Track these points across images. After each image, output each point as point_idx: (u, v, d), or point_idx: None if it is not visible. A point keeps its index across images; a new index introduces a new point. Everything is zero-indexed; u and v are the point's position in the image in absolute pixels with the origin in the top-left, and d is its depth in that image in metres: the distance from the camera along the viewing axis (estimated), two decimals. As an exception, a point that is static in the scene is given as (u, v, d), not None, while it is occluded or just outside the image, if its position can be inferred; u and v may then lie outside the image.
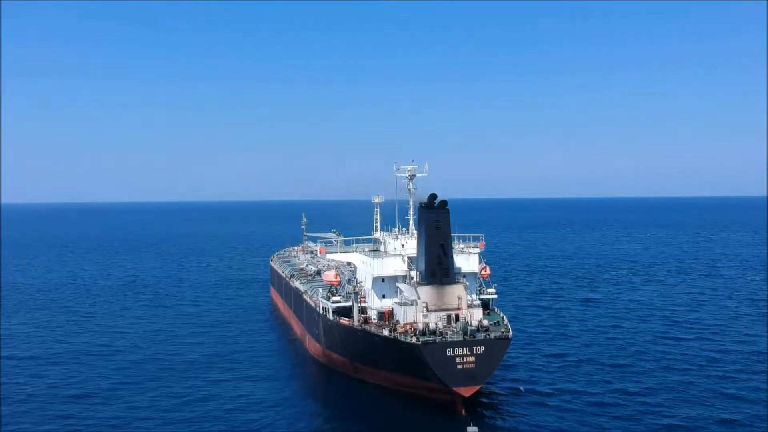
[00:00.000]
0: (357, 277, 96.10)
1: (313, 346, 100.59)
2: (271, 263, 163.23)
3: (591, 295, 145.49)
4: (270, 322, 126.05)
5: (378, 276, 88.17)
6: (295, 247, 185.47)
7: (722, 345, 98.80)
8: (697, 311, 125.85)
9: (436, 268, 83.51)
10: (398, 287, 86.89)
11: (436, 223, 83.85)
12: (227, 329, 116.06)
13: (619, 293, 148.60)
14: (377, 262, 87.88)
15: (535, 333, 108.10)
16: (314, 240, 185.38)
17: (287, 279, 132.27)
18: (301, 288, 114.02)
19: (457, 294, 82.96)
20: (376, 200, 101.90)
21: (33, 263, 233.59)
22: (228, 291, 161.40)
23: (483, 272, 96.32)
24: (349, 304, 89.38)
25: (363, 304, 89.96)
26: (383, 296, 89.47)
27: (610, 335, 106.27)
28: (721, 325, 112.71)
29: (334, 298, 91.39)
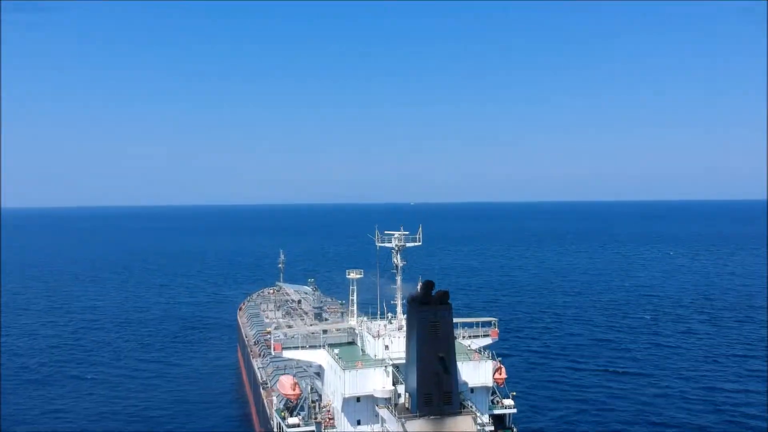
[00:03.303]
0: (324, 386, 70.67)
1: (269, 468, 75.46)
2: (239, 316, 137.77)
3: (618, 363, 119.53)
4: (228, 412, 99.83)
5: (351, 396, 62.65)
6: (270, 290, 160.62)
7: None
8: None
9: (434, 392, 58.20)
10: (379, 414, 61.66)
11: (433, 326, 58.63)
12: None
13: (653, 357, 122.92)
14: (350, 376, 62.27)
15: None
16: (293, 285, 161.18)
17: (249, 348, 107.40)
18: (260, 375, 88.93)
19: (464, 429, 57.72)
20: (353, 276, 76.33)
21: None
22: (186, 347, 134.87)
23: (497, 375, 70.85)
24: (311, 428, 64.31)
25: (331, 430, 64.73)
26: (358, 422, 64.07)
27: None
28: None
29: (292, 420, 65.92)
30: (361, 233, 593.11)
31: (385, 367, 63.44)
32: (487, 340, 75.08)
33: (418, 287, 67.37)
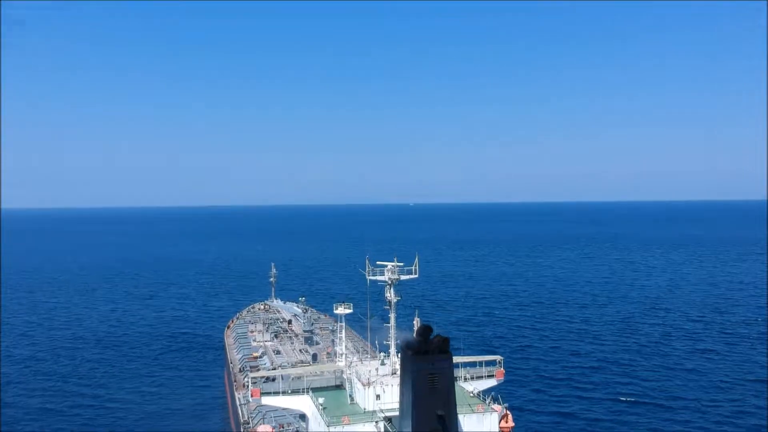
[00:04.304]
0: (309, 436, 62.99)
1: None
2: (226, 335, 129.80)
3: (630, 389, 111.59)
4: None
5: (337, 456, 54.91)
6: (260, 305, 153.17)
7: None
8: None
9: (432, 455, 50.51)
10: (370, 478, 54.01)
11: (432, 380, 50.88)
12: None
13: (667, 382, 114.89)
14: (336, 433, 54.59)
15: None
16: (284, 300, 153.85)
17: (234, 375, 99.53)
18: (241, 413, 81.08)
19: (466, 497, 50.18)
20: (341, 311, 68.59)
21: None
22: (168, 373, 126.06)
23: (503, 423, 63.25)
24: (293, 489, 56.72)
25: (315, 492, 57.12)
26: (346, 485, 56.36)
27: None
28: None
29: (271, 478, 58.26)
30: (361, 236, 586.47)
31: (376, 422, 55.78)
32: (492, 382, 67.48)
33: (414, 327, 59.91)
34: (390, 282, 61.97)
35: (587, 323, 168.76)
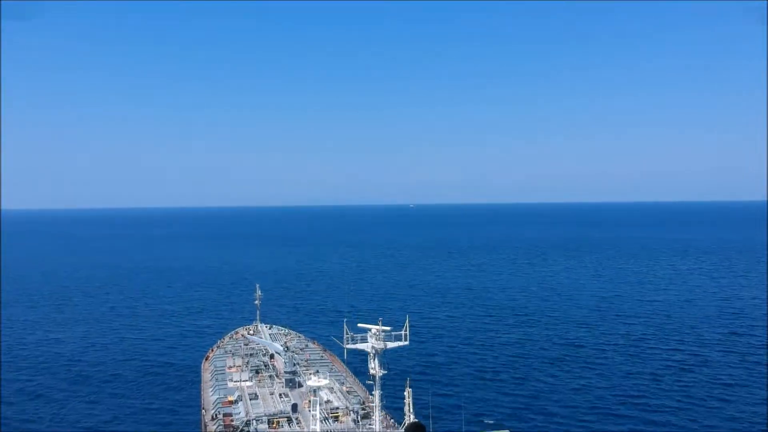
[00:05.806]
0: None
1: None
2: (203, 368, 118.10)
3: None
4: None
5: None
6: (244, 331, 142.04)
7: None
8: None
9: None
10: None
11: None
12: None
13: (690, 424, 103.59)
14: None
15: None
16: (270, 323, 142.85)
17: (205, 425, 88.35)
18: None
19: None
20: (314, 383, 57.02)
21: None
22: (136, 418, 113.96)
23: None
24: None
25: None
26: None
27: None
28: None
29: None
30: (360, 239, 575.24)
31: None
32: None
33: (406, 401, 48.50)
34: (374, 351, 50.32)
35: (597, 348, 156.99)
